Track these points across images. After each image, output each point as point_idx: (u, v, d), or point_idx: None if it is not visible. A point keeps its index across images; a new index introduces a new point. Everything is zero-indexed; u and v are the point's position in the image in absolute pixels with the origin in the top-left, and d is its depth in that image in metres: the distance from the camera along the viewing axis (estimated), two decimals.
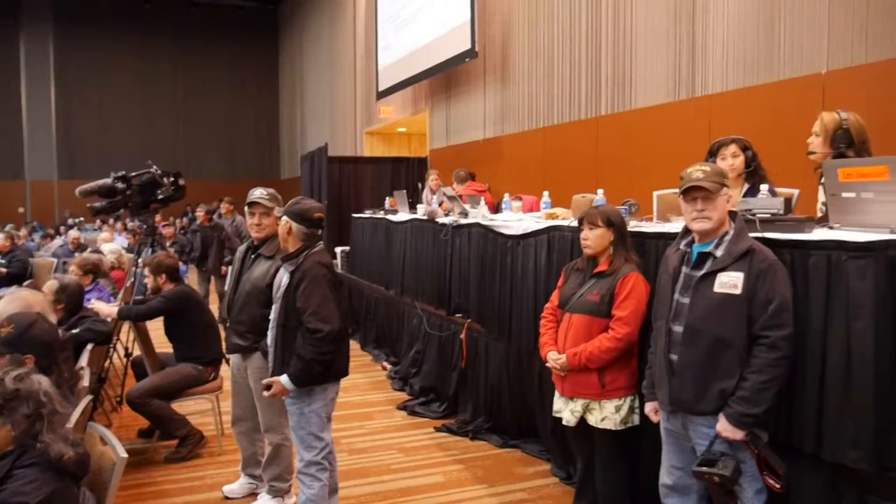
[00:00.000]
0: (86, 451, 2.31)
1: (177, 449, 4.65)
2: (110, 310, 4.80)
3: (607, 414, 3.24)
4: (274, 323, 3.40)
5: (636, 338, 3.19)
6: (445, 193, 6.37)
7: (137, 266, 5.51)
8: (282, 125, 24.13)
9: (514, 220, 4.82)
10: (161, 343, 5.03)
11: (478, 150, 9.49)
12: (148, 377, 4.76)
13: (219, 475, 4.37)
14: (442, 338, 5.73)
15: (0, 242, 8.69)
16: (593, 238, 3.29)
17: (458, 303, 5.55)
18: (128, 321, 4.97)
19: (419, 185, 9.09)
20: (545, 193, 5.05)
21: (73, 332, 4.33)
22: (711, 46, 5.47)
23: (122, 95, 22.57)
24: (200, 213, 9.80)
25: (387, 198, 8.57)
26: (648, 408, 2.96)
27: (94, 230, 15.09)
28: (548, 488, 4.11)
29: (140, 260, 5.48)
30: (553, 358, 3.34)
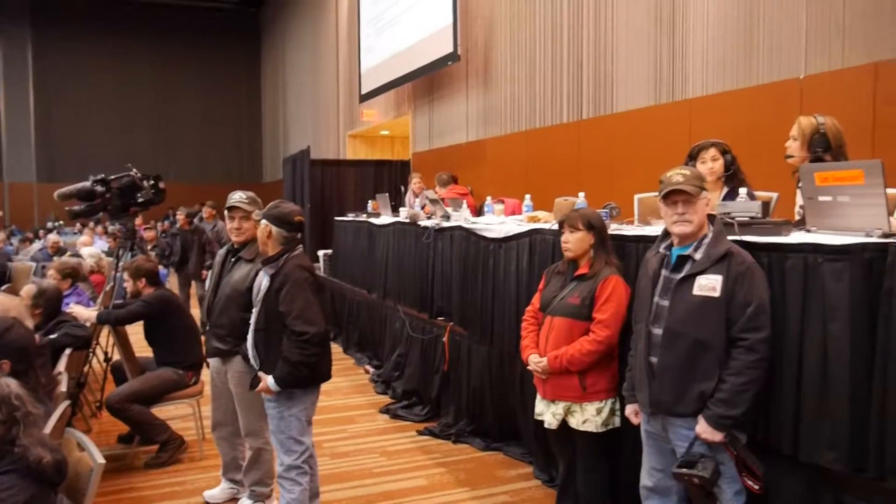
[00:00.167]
0: (63, 457, 2.29)
1: (157, 454, 4.61)
2: (89, 314, 4.75)
3: (588, 416, 3.25)
4: (254, 327, 3.39)
5: (616, 340, 3.21)
6: (428, 196, 6.37)
7: (117, 270, 5.45)
8: (264, 128, 24.02)
9: (496, 224, 4.83)
10: (141, 347, 4.99)
11: (460, 154, 9.50)
12: (128, 382, 4.72)
13: (199, 480, 4.34)
14: (424, 341, 5.73)
15: None
16: (574, 241, 3.31)
17: (441, 306, 5.55)
18: (107, 325, 4.93)
19: (402, 189, 9.08)
20: (527, 196, 5.07)
21: (51, 337, 4.29)
22: (691, 51, 5.52)
23: (103, 98, 22.38)
24: (181, 217, 9.67)
25: (369, 201, 8.55)
26: (629, 410, 2.98)
27: (75, 234, 14.93)
28: (530, 491, 4.12)
29: (120, 264, 5.42)
30: (534, 361, 3.35)
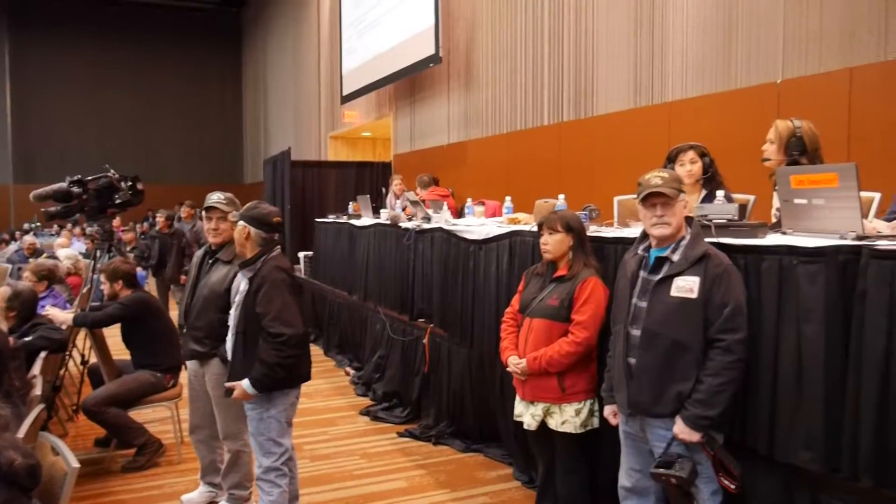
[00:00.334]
0: (37, 461, 2.25)
1: (134, 458, 4.57)
2: (65, 317, 4.69)
3: (567, 417, 3.26)
4: (233, 329, 3.38)
5: (595, 342, 3.22)
6: (409, 198, 6.37)
7: (94, 272, 5.39)
8: (245, 129, 23.89)
9: (477, 225, 4.84)
10: (119, 350, 4.94)
11: (442, 155, 9.50)
12: (104, 385, 4.67)
13: (178, 484, 4.30)
14: (405, 343, 5.72)
15: None
16: (553, 243, 3.32)
17: (421, 308, 5.55)
18: (84, 328, 4.87)
19: (383, 190, 9.07)
20: (507, 198, 5.08)
21: (26, 340, 4.22)
22: (671, 55, 5.56)
23: (81, 99, 22.15)
24: (160, 219, 9.56)
25: (350, 202, 8.53)
26: (607, 411, 2.99)
27: (52, 235, 14.76)
28: (510, 492, 4.12)
29: (97, 265, 5.36)
30: (514, 362, 3.36)
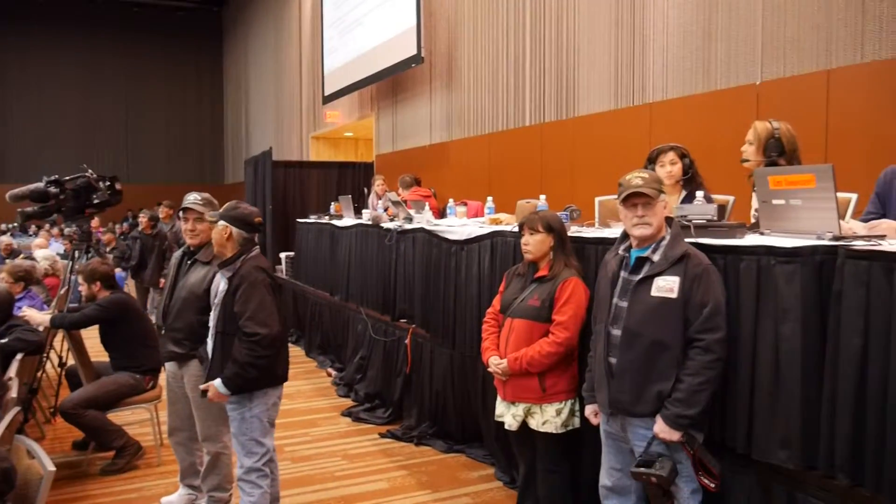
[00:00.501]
0: (11, 465, 2.23)
1: (113, 460, 4.53)
2: (42, 318, 4.64)
3: (548, 417, 3.26)
4: (213, 330, 3.36)
5: (576, 342, 3.23)
6: (391, 198, 6.36)
7: (72, 273, 5.34)
8: (226, 129, 23.75)
9: (458, 226, 4.84)
10: (97, 352, 4.89)
11: (424, 156, 9.50)
12: (82, 387, 4.62)
13: (157, 487, 4.26)
14: (387, 343, 5.71)
15: None
16: (533, 243, 3.32)
17: (403, 308, 5.54)
18: (61, 330, 4.82)
19: (365, 191, 9.05)
20: (489, 199, 5.09)
21: (1, 342, 4.17)
22: (651, 57, 5.60)
23: (61, 98, 21.95)
24: (143, 220, 9.41)
25: (332, 203, 8.51)
26: (588, 410, 3.00)
27: (30, 236, 14.58)
28: (492, 492, 4.12)
29: (75, 266, 5.31)
30: (495, 363, 3.36)
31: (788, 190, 2.60)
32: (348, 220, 7.09)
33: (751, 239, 2.67)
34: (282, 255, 9.44)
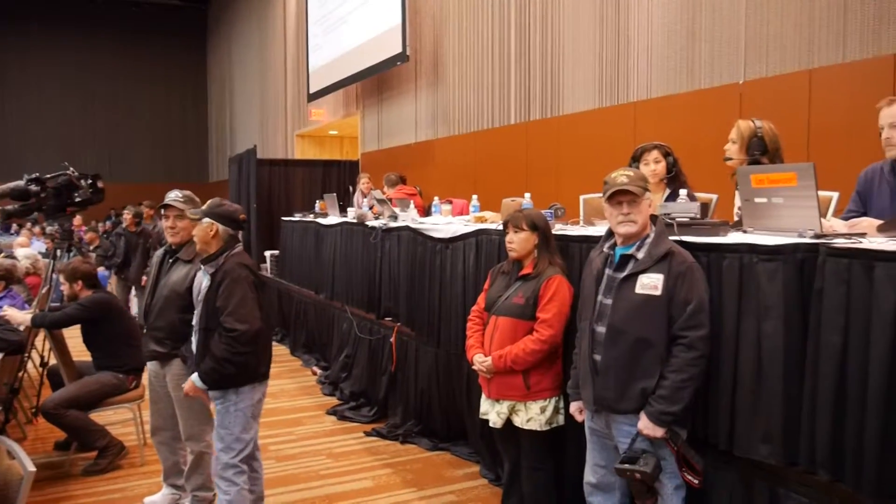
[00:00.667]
0: None
1: (96, 461, 4.49)
2: (23, 317, 4.59)
3: (532, 415, 3.27)
4: (197, 327, 3.34)
5: (560, 339, 3.24)
6: (376, 197, 6.35)
7: (54, 272, 5.28)
8: (210, 127, 23.61)
9: (443, 224, 4.84)
10: (80, 351, 4.84)
11: (409, 154, 9.49)
12: (64, 387, 4.58)
13: (140, 487, 4.24)
14: (372, 342, 5.70)
15: None
16: (518, 241, 3.33)
17: (388, 306, 5.53)
18: (43, 329, 4.77)
19: (350, 189, 9.03)
20: (474, 197, 5.09)
21: None
22: (636, 56, 5.62)
23: (41, 96, 21.70)
24: (127, 216, 9.31)
25: (317, 201, 8.48)
26: (573, 407, 3.01)
27: (12, 234, 14.42)
28: (476, 490, 4.13)
29: (57, 265, 5.25)
30: (479, 360, 3.37)
31: (771, 188, 2.62)
32: (333, 219, 7.07)
33: (734, 237, 2.69)
34: (266, 254, 9.40)
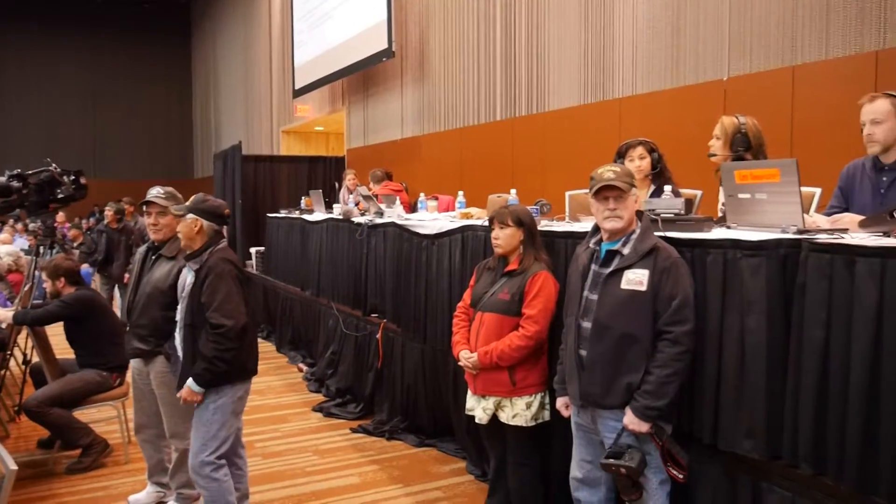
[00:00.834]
0: None
1: (79, 459, 4.45)
2: (5, 314, 4.56)
3: (518, 411, 3.28)
4: (181, 323, 3.32)
5: (546, 335, 3.24)
6: (361, 193, 6.34)
7: (36, 268, 5.24)
8: (195, 123, 23.46)
9: (429, 220, 4.84)
10: (63, 349, 4.80)
11: (395, 150, 9.47)
12: (47, 385, 4.54)
13: (124, 485, 4.21)
14: (358, 338, 5.69)
15: None
16: (503, 237, 3.33)
17: (374, 303, 5.52)
18: (25, 326, 4.73)
19: (336, 185, 9.00)
20: (460, 193, 5.09)
21: None
22: (620, 53, 5.63)
23: (25, 92, 21.48)
24: (109, 213, 9.20)
25: (303, 197, 8.45)
26: (559, 403, 3.01)
27: None
28: (463, 486, 4.14)
29: (39, 262, 5.21)
30: (465, 356, 3.37)
31: (754, 184, 2.64)
32: (319, 215, 7.05)
33: (717, 232, 2.70)
34: (252, 250, 9.35)
